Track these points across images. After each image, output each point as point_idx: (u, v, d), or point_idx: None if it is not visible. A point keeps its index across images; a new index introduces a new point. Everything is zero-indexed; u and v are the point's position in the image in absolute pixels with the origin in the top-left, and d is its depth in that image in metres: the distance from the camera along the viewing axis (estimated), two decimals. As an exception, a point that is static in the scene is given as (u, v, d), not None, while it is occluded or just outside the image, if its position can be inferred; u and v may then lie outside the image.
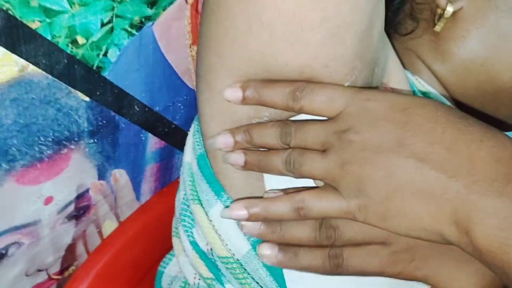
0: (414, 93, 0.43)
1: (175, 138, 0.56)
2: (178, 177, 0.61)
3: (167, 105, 0.52)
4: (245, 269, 0.38)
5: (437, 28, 0.43)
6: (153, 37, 0.46)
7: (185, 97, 0.54)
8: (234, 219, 0.36)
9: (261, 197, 0.36)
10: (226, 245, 0.38)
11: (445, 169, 0.29)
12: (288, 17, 0.31)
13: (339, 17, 0.31)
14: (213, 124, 0.37)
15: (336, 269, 0.34)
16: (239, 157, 0.36)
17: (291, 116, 0.35)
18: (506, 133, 0.33)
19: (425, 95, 0.46)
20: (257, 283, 0.38)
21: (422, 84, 0.46)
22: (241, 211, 0.35)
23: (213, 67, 0.35)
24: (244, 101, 0.34)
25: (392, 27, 0.48)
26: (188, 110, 0.55)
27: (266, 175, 0.36)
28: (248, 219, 0.35)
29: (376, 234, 0.34)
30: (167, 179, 0.60)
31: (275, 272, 0.37)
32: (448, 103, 0.46)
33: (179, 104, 0.53)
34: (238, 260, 0.38)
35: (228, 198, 0.38)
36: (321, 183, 0.34)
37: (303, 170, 0.33)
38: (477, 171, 0.29)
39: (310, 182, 0.35)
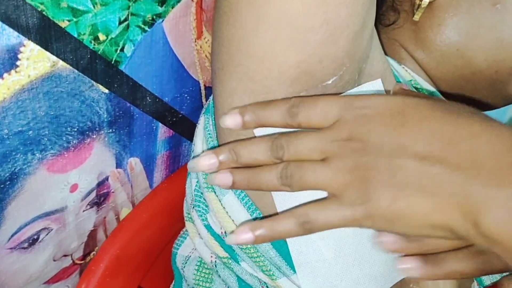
0: (397, 83, 0.46)
1: (182, 127, 0.60)
2: (185, 164, 0.65)
3: (175, 96, 0.56)
4: (258, 250, 0.41)
5: (416, 17, 0.47)
6: (163, 33, 0.49)
7: (191, 88, 0.58)
8: (241, 244, 0.35)
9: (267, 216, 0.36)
10: None
11: (447, 164, 0.29)
12: (292, 20, 0.33)
13: (338, 20, 0.33)
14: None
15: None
16: (225, 178, 0.35)
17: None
18: (487, 112, 0.35)
19: (409, 83, 0.49)
20: (269, 261, 0.41)
21: (408, 72, 0.49)
22: (246, 235, 0.34)
23: (224, 64, 0.38)
24: (245, 126, 0.34)
25: (376, 19, 0.52)
26: (194, 100, 0.59)
27: None
28: (255, 242, 0.34)
29: None
30: (176, 167, 0.64)
31: (284, 252, 0.40)
32: (432, 89, 0.50)
33: (186, 95, 0.57)
34: None
35: None
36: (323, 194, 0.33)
37: (304, 182, 0.32)
38: (478, 164, 0.29)
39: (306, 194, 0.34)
